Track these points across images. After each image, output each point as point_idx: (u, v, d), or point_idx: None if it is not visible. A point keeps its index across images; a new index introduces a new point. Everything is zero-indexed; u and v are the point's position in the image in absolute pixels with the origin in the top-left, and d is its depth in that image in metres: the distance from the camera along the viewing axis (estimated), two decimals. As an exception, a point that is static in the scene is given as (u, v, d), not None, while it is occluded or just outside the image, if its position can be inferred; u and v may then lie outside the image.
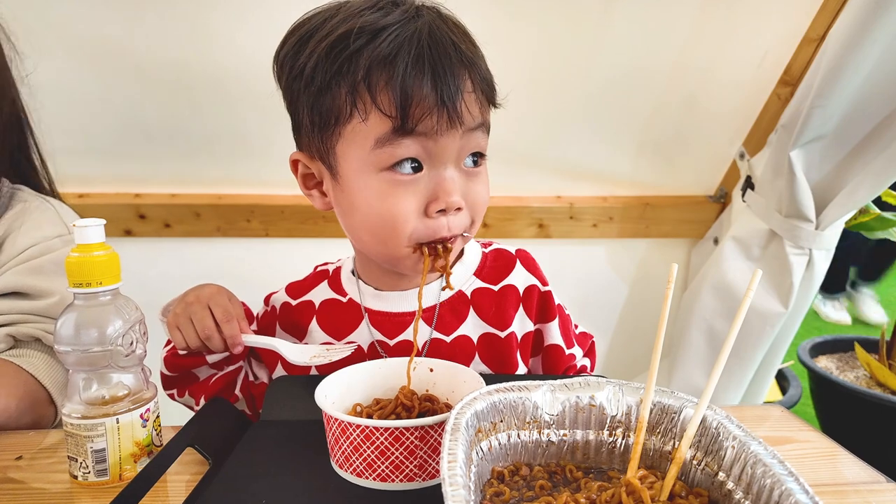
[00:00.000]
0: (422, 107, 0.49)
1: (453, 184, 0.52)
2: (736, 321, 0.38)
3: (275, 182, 1.24)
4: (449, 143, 0.51)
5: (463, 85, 0.50)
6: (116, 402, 0.47)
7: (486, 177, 0.56)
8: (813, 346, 1.69)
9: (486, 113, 0.54)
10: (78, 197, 1.23)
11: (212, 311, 0.57)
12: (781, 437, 0.55)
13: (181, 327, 0.57)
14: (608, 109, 1.21)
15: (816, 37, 1.09)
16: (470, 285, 0.63)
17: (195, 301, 0.57)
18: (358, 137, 0.51)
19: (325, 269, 0.68)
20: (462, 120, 0.50)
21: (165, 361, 0.61)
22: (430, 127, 0.49)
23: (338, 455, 0.43)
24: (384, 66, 0.48)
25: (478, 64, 0.52)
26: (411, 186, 0.51)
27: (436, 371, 0.51)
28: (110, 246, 0.47)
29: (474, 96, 0.52)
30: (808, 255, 1.12)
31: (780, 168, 1.09)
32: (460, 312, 0.62)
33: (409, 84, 0.48)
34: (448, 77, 0.49)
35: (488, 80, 0.53)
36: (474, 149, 0.53)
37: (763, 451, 0.36)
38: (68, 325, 0.46)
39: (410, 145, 0.50)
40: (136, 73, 1.09)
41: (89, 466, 0.46)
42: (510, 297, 0.63)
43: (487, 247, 0.67)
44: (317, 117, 0.52)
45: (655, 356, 0.41)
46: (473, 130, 0.52)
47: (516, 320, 0.62)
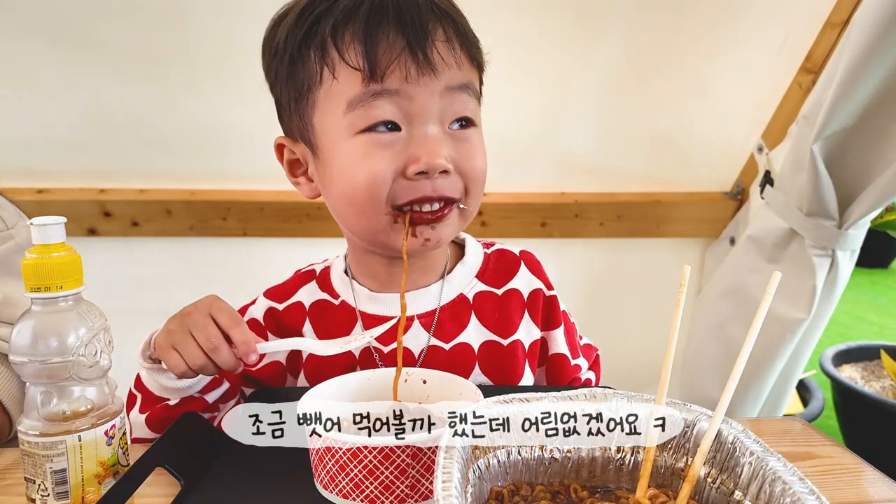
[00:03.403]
0: (389, 53, 0.49)
1: (435, 142, 0.51)
2: (753, 328, 0.38)
3: (254, 177, 1.23)
4: (426, 100, 0.51)
5: (434, 32, 0.51)
6: (78, 417, 0.47)
7: (479, 143, 0.55)
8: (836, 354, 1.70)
9: (471, 74, 0.54)
10: (37, 192, 1.22)
11: (214, 319, 0.51)
12: (802, 452, 0.55)
13: (178, 345, 0.50)
14: (616, 99, 1.21)
15: (840, 21, 1.10)
16: (472, 288, 0.63)
17: (193, 311, 0.51)
18: (331, 103, 0.52)
19: (310, 271, 0.67)
20: (435, 68, 0.50)
21: (150, 422, 0.54)
22: (401, 77, 0.50)
23: (322, 475, 0.43)
24: (348, 18, 0.50)
25: (452, 17, 0.53)
26: (389, 147, 0.51)
27: (429, 383, 0.51)
28: (72, 246, 0.47)
29: (448, 46, 0.52)
30: (832, 257, 1.12)
31: (801, 162, 1.10)
32: (461, 318, 0.61)
33: (373, 30, 0.49)
34: (415, 21, 0.50)
35: (467, 34, 0.54)
36: (460, 112, 0.53)
37: (782, 467, 0.36)
38: (25, 333, 0.45)
39: (384, 105, 0.51)
40: (101, 57, 1.09)
41: (48, 489, 0.46)
42: (514, 301, 0.63)
43: (489, 247, 0.67)
44: (292, 90, 0.54)
45: (667, 366, 0.41)
46: (456, 90, 0.52)
47: (522, 327, 0.62)
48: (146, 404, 0.55)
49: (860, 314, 2.92)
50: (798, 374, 1.27)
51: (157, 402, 0.55)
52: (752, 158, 1.31)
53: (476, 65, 0.55)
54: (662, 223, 1.35)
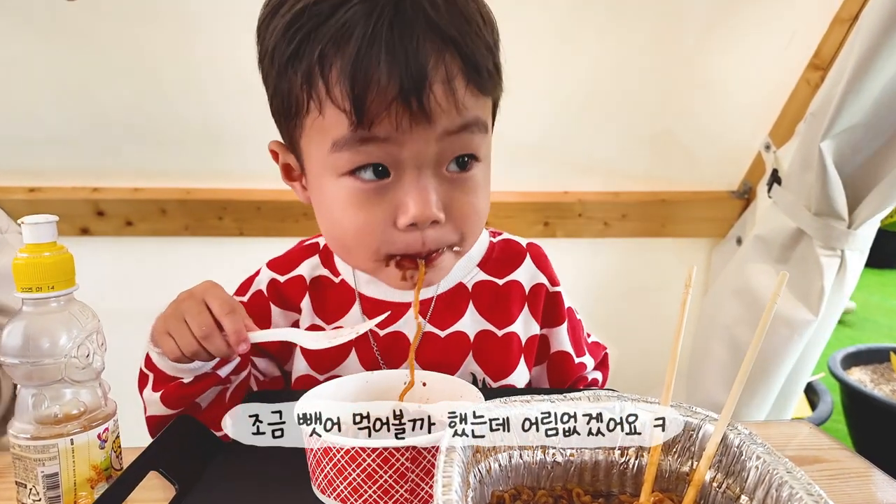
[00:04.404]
0: (378, 100, 0.44)
1: (425, 195, 0.48)
2: (760, 330, 0.38)
3: (250, 175, 1.23)
4: (420, 147, 0.47)
5: (434, 73, 0.45)
6: (71, 420, 0.47)
7: (479, 182, 0.51)
8: (845, 356, 1.70)
9: (478, 108, 0.48)
10: (28, 191, 1.22)
11: (208, 306, 0.51)
12: (810, 456, 0.55)
13: (172, 330, 0.51)
14: (620, 95, 1.21)
15: (849, 16, 1.10)
16: (472, 277, 0.62)
17: (188, 297, 0.52)
18: (316, 135, 0.49)
19: (314, 244, 0.66)
20: (431, 117, 0.45)
21: (165, 399, 0.55)
22: (390, 127, 0.45)
23: (320, 479, 0.43)
24: (337, 47, 0.44)
25: (461, 44, 0.46)
26: (375, 195, 0.48)
27: (429, 385, 0.51)
28: (64, 246, 0.47)
29: (448, 89, 0.45)
30: (840, 257, 1.12)
31: (809, 160, 1.10)
32: (458, 306, 0.61)
33: (362, 71, 0.44)
34: (410, 61, 0.44)
35: (478, 66, 0.47)
36: (461, 151, 0.49)
37: (790, 472, 0.36)
38: (16, 334, 0.45)
39: (372, 151, 0.47)
40: (94, 52, 1.09)
41: (40, 493, 0.46)
42: (514, 293, 0.62)
43: (496, 236, 0.66)
44: (280, 104, 0.50)
45: (672, 368, 0.41)
46: (456, 133, 0.47)
47: (520, 320, 0.62)
48: (159, 383, 0.55)
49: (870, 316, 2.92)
50: (806, 377, 1.27)
51: (171, 380, 0.55)
52: (759, 157, 1.31)
53: (487, 95, 0.49)
54: (668, 223, 1.35)
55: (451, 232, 0.52)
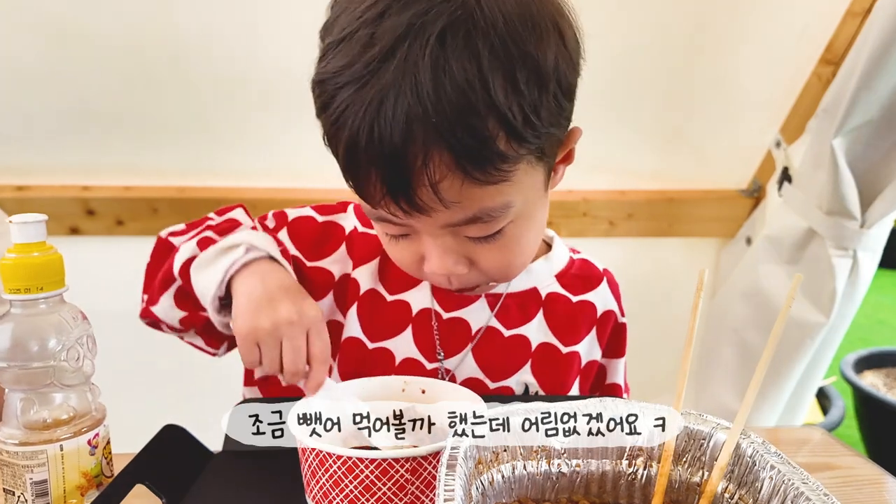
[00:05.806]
0: (372, 193, 0.44)
1: (442, 255, 0.48)
2: (774, 334, 0.38)
3: (245, 173, 1.23)
4: (427, 227, 0.47)
5: (419, 176, 0.42)
6: (60, 425, 0.47)
7: (512, 238, 0.49)
8: (858, 360, 1.70)
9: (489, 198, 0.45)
10: (16, 190, 1.22)
11: (308, 343, 0.49)
12: (822, 462, 0.56)
13: (263, 345, 0.48)
14: (626, 90, 1.21)
15: (861, 10, 1.09)
16: (547, 286, 0.62)
17: (296, 319, 0.49)
18: None
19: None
20: (429, 213, 0.44)
21: (184, 320, 0.56)
22: (392, 215, 0.46)
23: (315, 491, 0.43)
24: (334, 133, 0.44)
25: (459, 135, 0.40)
26: (403, 240, 0.51)
27: (428, 393, 0.51)
28: (53, 245, 0.46)
29: (433, 192, 0.42)
30: (853, 258, 1.12)
31: (820, 158, 1.09)
32: (528, 310, 0.61)
33: (352, 166, 0.44)
34: (390, 162, 0.41)
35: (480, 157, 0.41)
36: (476, 234, 0.48)
37: (805, 482, 0.35)
38: (4, 336, 0.45)
39: (387, 222, 0.48)
40: (83, 46, 1.08)
41: (29, 501, 0.46)
42: (586, 314, 0.63)
43: (576, 253, 0.67)
44: None
45: (682, 374, 0.40)
46: (462, 225, 0.46)
47: (585, 342, 0.63)
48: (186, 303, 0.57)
49: (883, 318, 2.92)
50: (817, 381, 1.27)
51: (201, 310, 0.55)
52: (769, 154, 1.30)
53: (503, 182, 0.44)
54: (675, 222, 1.35)
55: (481, 277, 0.52)
